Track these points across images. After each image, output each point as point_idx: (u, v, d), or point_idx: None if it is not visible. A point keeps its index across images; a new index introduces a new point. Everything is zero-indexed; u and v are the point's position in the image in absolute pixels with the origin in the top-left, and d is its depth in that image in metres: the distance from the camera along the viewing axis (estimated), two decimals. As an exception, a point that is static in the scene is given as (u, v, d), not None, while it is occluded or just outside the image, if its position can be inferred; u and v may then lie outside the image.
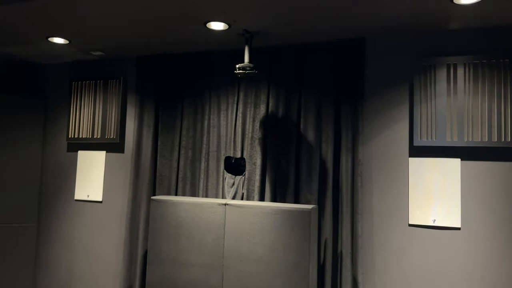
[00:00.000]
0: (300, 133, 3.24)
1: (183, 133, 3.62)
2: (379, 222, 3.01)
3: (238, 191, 3.43)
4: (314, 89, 3.22)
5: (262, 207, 2.94)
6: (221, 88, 3.53)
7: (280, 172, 3.28)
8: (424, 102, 2.90)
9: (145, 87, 3.78)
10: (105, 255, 3.83)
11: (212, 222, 3.08)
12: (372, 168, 3.06)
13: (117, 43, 3.53)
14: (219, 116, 3.53)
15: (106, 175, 3.92)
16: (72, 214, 4.02)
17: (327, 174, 3.14)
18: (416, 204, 2.92)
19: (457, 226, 2.81)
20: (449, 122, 2.83)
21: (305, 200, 3.17)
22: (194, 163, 3.59)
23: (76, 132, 4.02)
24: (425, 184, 2.91)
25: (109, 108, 3.89)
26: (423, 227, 2.90)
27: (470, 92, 2.80)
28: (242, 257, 2.95)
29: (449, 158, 2.86)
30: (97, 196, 3.92)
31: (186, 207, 3.15)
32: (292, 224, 2.84)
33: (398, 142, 3.00)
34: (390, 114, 3.04)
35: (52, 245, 4.08)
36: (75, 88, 4.05)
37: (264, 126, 3.36)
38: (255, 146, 3.38)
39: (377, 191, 3.03)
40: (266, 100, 3.37)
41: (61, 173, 4.12)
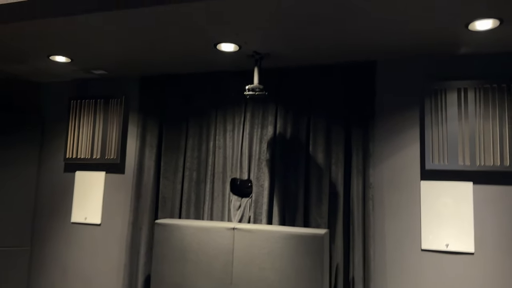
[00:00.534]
0: (309, 155, 3.20)
1: (188, 154, 3.54)
2: (391, 246, 2.96)
3: (244, 214, 3.35)
4: (324, 111, 3.19)
5: (273, 232, 2.87)
6: (228, 109, 3.48)
7: (289, 194, 3.22)
8: (435, 126, 2.90)
9: (148, 107, 3.70)
10: (103, 281, 3.67)
11: (219, 247, 2.98)
12: (383, 191, 3.02)
13: (121, 63, 3.46)
14: (225, 137, 3.47)
15: (105, 196, 3.79)
16: (68, 237, 3.86)
17: (337, 197, 3.09)
18: (428, 228, 2.89)
19: (471, 251, 2.78)
20: (461, 146, 2.82)
21: (315, 223, 3.11)
22: (198, 185, 3.50)
23: (74, 152, 3.89)
24: (437, 208, 2.88)
25: (110, 128, 3.79)
26: (436, 252, 2.86)
27: (481, 116, 2.81)
28: (252, 284, 2.85)
29: (462, 181, 2.84)
30: (95, 219, 3.78)
31: (192, 231, 3.05)
32: (304, 250, 2.77)
33: (410, 165, 2.98)
34: (401, 137, 3.03)
35: (47, 270, 3.90)
36: (74, 106, 3.94)
37: (272, 147, 3.31)
38: (262, 168, 3.32)
39: (389, 215, 2.99)
40: (273, 121, 3.32)
41: (57, 194, 3.97)
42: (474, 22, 2.36)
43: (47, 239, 3.94)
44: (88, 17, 2.52)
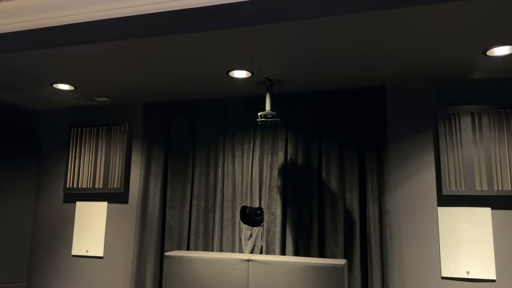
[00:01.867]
0: (322, 181, 3.13)
1: (195, 182, 3.44)
2: (410, 275, 2.88)
3: (256, 243, 3.24)
4: (335, 136, 3.14)
5: (290, 263, 2.77)
6: (236, 135, 3.40)
7: (302, 222, 3.14)
8: (450, 150, 2.88)
9: (153, 134, 3.61)
10: (107, 317, 3.49)
11: (234, 281, 2.86)
12: (400, 218, 2.96)
13: (124, 89, 3.37)
14: (234, 164, 3.38)
15: (107, 228, 3.64)
16: (68, 271, 3.68)
17: (353, 225, 3.02)
18: (448, 256, 2.83)
19: (492, 278, 2.72)
20: (478, 170, 2.80)
21: (331, 253, 3.02)
22: (207, 214, 3.39)
23: (75, 182, 3.74)
24: (456, 234, 2.83)
25: (113, 156, 3.67)
26: (457, 280, 2.79)
27: (496, 140, 2.79)
28: (269, 319, 2.73)
29: (479, 207, 2.81)
30: (98, 251, 3.61)
31: (204, 264, 2.93)
32: (324, 282, 2.67)
33: (426, 191, 2.94)
34: (416, 162, 2.99)
35: (45, 307, 3.70)
36: (74, 134, 3.82)
37: (283, 174, 3.23)
38: (273, 195, 3.23)
39: (406, 242, 2.93)
40: (284, 147, 3.26)
41: (56, 226, 3.80)
42: (493, 49, 2.36)
43: (46, 273, 3.74)
44: (96, 45, 2.44)
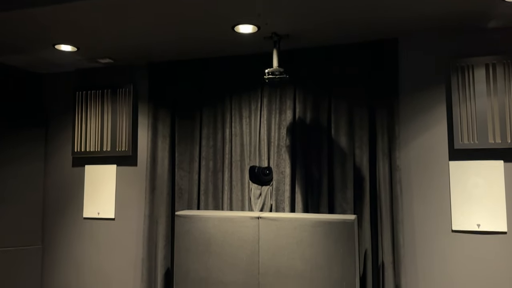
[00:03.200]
0: (331, 139, 3.10)
1: (203, 143, 3.42)
2: (421, 229, 2.89)
3: (266, 202, 3.25)
4: (345, 92, 3.08)
5: (300, 220, 2.78)
6: (243, 94, 3.35)
7: (312, 180, 3.13)
8: (463, 103, 2.81)
9: (158, 95, 3.56)
10: (120, 276, 3.57)
11: (244, 238, 2.89)
12: (411, 173, 2.94)
13: (128, 50, 3.30)
14: (242, 124, 3.35)
15: (117, 190, 3.66)
16: (81, 233, 3.74)
17: (363, 182, 3.00)
18: (458, 209, 2.82)
19: (504, 230, 2.72)
20: (491, 123, 2.74)
21: (341, 209, 3.03)
22: (216, 174, 3.39)
23: (82, 146, 3.74)
24: (467, 188, 2.81)
25: (119, 118, 3.64)
26: (467, 233, 2.80)
27: (511, 92, 2.72)
28: (281, 274, 2.77)
29: (492, 160, 2.77)
30: (109, 213, 3.66)
31: (216, 222, 2.95)
32: (334, 237, 2.68)
33: (437, 145, 2.90)
34: (427, 117, 2.94)
35: (60, 268, 3.78)
36: (80, 98, 3.78)
37: (292, 132, 3.20)
38: (282, 154, 3.21)
39: (417, 198, 2.92)
40: (292, 105, 3.21)
41: (66, 190, 3.83)
42: (511, -7, 2.26)
43: (59, 236, 3.81)
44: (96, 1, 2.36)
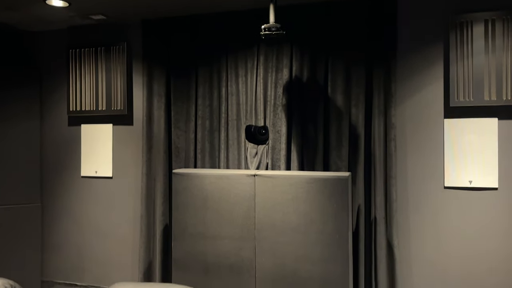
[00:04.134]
0: (327, 97, 3.09)
1: (199, 102, 3.41)
2: (413, 186, 2.95)
3: (262, 161, 3.29)
4: (342, 50, 3.05)
5: (295, 177, 2.82)
6: (239, 52, 3.31)
7: (307, 139, 3.15)
8: (461, 61, 2.80)
9: (153, 53, 3.51)
10: (120, 232, 3.66)
11: (241, 194, 2.94)
12: (406, 131, 2.97)
13: (121, 5, 3.22)
14: (238, 82, 3.33)
15: (114, 149, 3.68)
16: (79, 191, 3.79)
17: (358, 139, 3.03)
18: (451, 166, 2.87)
19: (495, 186, 2.78)
20: (487, 81, 2.74)
21: (335, 167, 3.07)
22: (212, 133, 3.40)
23: (77, 105, 3.73)
24: (461, 145, 2.85)
25: (114, 77, 3.61)
26: (459, 189, 2.86)
27: (509, 48, 2.70)
28: (276, 228, 2.85)
29: (487, 117, 2.79)
30: (107, 172, 3.69)
31: (213, 180, 2.99)
32: (328, 193, 2.74)
33: (433, 103, 2.91)
34: (424, 75, 2.93)
35: (60, 225, 3.86)
36: (73, 56, 3.72)
37: (288, 91, 3.19)
38: (278, 113, 3.22)
39: (411, 155, 2.96)
40: (289, 63, 3.18)
41: (63, 149, 3.85)
42: None
43: (57, 194, 3.86)
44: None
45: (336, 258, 2.73)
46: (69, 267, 3.83)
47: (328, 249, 2.73)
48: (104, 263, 3.71)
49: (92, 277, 3.75)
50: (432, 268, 2.91)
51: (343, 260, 2.71)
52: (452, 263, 2.86)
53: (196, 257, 3.02)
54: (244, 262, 2.92)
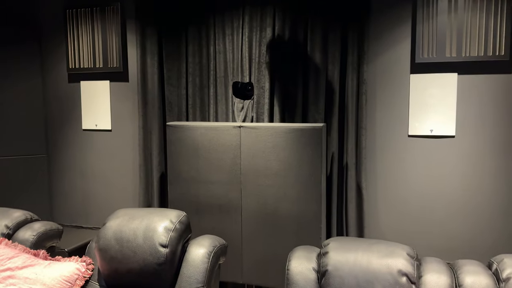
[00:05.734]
0: (307, 55, 3.37)
1: (189, 60, 3.68)
2: (381, 135, 3.31)
3: (247, 114, 3.61)
4: (321, 11, 3.29)
5: (276, 127, 3.16)
6: (225, 12, 3.54)
7: (288, 94, 3.46)
8: (426, 21, 3.07)
9: (145, 14, 3.73)
10: (121, 179, 4.04)
11: (228, 144, 3.29)
12: (376, 86, 3.28)
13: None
14: (225, 41, 3.59)
15: (112, 104, 3.99)
16: (82, 143, 4.14)
17: (333, 94, 3.35)
18: (415, 117, 3.22)
19: (452, 134, 3.14)
20: (449, 39, 3.03)
21: (313, 119, 3.41)
22: (202, 89, 3.70)
23: (76, 63, 3.99)
24: (424, 98, 3.18)
25: (109, 37, 3.85)
26: (421, 137, 3.22)
27: (469, 9, 2.97)
28: (259, 173, 3.21)
29: (447, 73, 3.10)
30: (106, 125, 4.02)
31: (203, 131, 3.33)
32: (305, 141, 3.08)
33: (401, 60, 3.20)
34: (394, 33, 3.20)
35: (66, 174, 4.24)
36: (70, 16, 3.95)
37: (271, 50, 3.46)
38: (262, 71, 3.51)
39: (380, 107, 3.29)
40: (272, 23, 3.43)
41: (65, 104, 4.15)
42: None
43: (61, 146, 4.21)
44: None
45: (311, 198, 3.11)
46: (75, 212, 4.24)
47: (304, 190, 3.11)
48: (107, 208, 4.11)
49: (97, 220, 4.17)
50: (395, 207, 3.33)
51: (316, 200, 3.09)
52: (413, 202, 3.27)
53: (189, 198, 3.41)
54: (232, 202, 3.31)
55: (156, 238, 1.80)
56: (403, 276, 1.55)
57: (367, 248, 1.65)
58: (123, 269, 1.83)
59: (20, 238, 2.17)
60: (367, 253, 1.61)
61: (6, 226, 2.20)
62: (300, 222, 3.15)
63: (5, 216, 2.26)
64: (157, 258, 1.78)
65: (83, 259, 1.99)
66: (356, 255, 1.62)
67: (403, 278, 1.54)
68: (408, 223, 3.29)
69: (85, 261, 1.97)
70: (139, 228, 1.84)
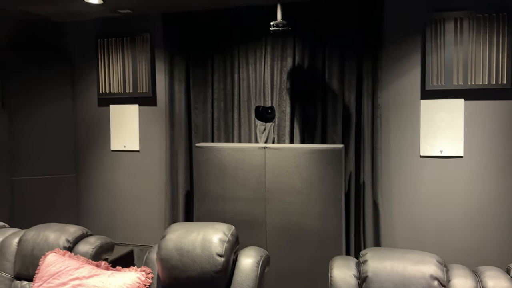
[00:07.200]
0: (325, 82, 3.68)
1: (215, 86, 3.97)
2: (395, 155, 3.59)
3: (269, 136, 3.89)
4: (338, 42, 3.61)
5: (298, 148, 3.43)
6: (249, 43, 3.85)
7: (308, 117, 3.75)
8: (435, 52, 3.39)
9: (173, 43, 4.04)
10: (148, 197, 4.27)
11: (253, 163, 3.54)
12: (389, 110, 3.58)
13: (145, 1, 3.71)
14: (248, 69, 3.89)
15: (140, 126, 4.25)
16: (110, 163, 4.38)
17: (350, 117, 3.64)
18: (426, 139, 3.51)
19: (461, 154, 3.43)
20: (456, 68, 3.35)
21: (331, 141, 3.69)
22: (226, 113, 3.98)
23: (106, 88, 4.27)
24: (434, 122, 3.47)
25: (139, 64, 4.14)
26: (432, 157, 3.50)
27: (474, 42, 3.30)
28: (283, 191, 3.46)
29: (455, 99, 3.41)
30: (134, 146, 4.28)
31: (230, 152, 3.59)
32: (326, 161, 3.35)
33: (412, 87, 3.51)
34: (405, 63, 3.52)
35: (94, 192, 4.47)
36: (101, 45, 4.24)
37: (291, 77, 3.76)
38: (283, 96, 3.80)
39: (393, 130, 3.59)
40: (292, 53, 3.74)
41: (95, 126, 4.41)
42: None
43: (91, 166, 4.45)
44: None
45: (332, 214, 3.35)
46: (102, 229, 4.45)
47: (325, 207, 3.36)
48: (133, 225, 4.34)
49: (123, 237, 4.38)
50: (409, 222, 3.59)
51: (337, 215, 3.34)
52: (426, 217, 3.54)
53: (216, 215, 3.64)
54: (257, 219, 3.55)
55: (213, 249, 2.05)
56: (435, 280, 1.80)
57: (401, 256, 1.90)
58: (183, 277, 2.06)
59: (80, 251, 2.40)
60: (402, 261, 1.87)
61: (67, 240, 2.43)
62: (322, 237, 3.38)
63: (64, 231, 2.49)
64: (214, 266, 2.02)
65: (143, 268, 2.22)
66: (392, 263, 1.87)
67: (435, 282, 1.80)
68: (422, 236, 3.55)
69: (145, 270, 2.20)
70: (197, 239, 2.09)
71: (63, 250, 2.36)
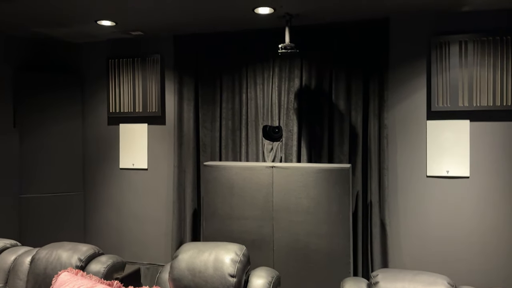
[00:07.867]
0: (332, 103, 3.74)
1: (223, 106, 4.04)
2: (402, 175, 3.62)
3: (276, 155, 3.94)
4: (344, 64, 3.69)
5: (306, 168, 3.47)
6: (257, 64, 3.94)
7: (315, 137, 3.80)
8: (440, 74, 3.45)
9: (183, 64, 4.13)
10: (155, 215, 4.30)
11: (261, 182, 3.58)
12: (396, 131, 3.63)
13: (157, 24, 3.82)
14: (256, 90, 3.96)
15: (149, 145, 4.31)
16: (118, 181, 4.43)
17: (357, 137, 3.69)
18: (433, 159, 3.54)
19: (467, 175, 3.46)
20: (461, 90, 3.40)
21: (338, 160, 3.73)
22: (234, 132, 4.04)
23: (116, 107, 4.34)
24: (440, 142, 3.52)
25: (149, 84, 4.23)
26: (439, 177, 3.53)
27: (478, 64, 3.36)
28: (290, 210, 3.49)
29: (460, 120, 3.46)
30: (143, 164, 4.33)
31: (237, 171, 3.63)
32: (333, 181, 3.39)
33: (418, 108, 3.57)
34: (411, 84, 3.59)
35: (101, 210, 4.50)
36: (112, 65, 4.33)
37: (299, 97, 3.83)
38: (290, 116, 3.86)
39: (400, 150, 3.63)
40: (299, 74, 3.82)
41: (104, 144, 4.47)
42: (479, -12, 2.84)
43: (99, 184, 4.50)
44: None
45: (339, 234, 3.37)
46: (109, 247, 4.47)
47: (333, 226, 3.38)
48: (140, 243, 4.36)
49: (130, 255, 4.39)
50: (417, 242, 3.59)
51: (345, 235, 3.36)
52: (433, 237, 3.54)
53: (224, 234, 3.67)
54: (264, 237, 3.57)
55: (225, 269, 2.07)
56: (446, 301, 1.82)
57: (412, 278, 1.92)
58: (195, 297, 2.08)
59: (92, 270, 2.42)
60: (413, 283, 1.89)
61: (79, 259, 2.46)
62: (330, 257, 3.39)
63: (76, 251, 2.52)
64: (226, 286, 2.04)
65: (154, 288, 2.24)
66: (404, 284, 1.89)
67: (446, 304, 1.82)
68: (429, 255, 3.55)
69: (156, 290, 2.22)
70: (209, 260, 2.11)
71: (76, 269, 2.39)
